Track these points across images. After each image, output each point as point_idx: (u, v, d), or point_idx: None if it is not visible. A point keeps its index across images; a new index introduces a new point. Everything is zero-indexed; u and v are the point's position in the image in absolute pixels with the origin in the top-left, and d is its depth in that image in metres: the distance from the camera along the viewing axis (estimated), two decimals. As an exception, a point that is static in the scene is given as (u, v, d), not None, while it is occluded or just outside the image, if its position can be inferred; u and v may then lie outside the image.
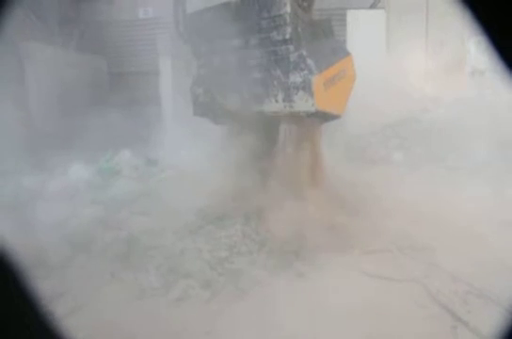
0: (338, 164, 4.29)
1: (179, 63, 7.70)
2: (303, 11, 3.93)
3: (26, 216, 4.14)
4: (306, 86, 3.50)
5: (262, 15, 3.63)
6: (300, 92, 3.54)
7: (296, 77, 3.56)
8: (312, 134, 3.95)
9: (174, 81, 8.11)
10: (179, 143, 5.82)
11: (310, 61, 3.52)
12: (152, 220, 4.03)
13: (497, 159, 4.87)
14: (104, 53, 9.97)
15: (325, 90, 3.55)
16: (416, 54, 7.26)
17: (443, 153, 5.40)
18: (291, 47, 3.58)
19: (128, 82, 9.68)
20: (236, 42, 3.90)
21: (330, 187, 4.03)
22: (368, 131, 6.13)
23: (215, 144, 4.65)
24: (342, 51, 4.07)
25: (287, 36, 3.55)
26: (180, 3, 4.27)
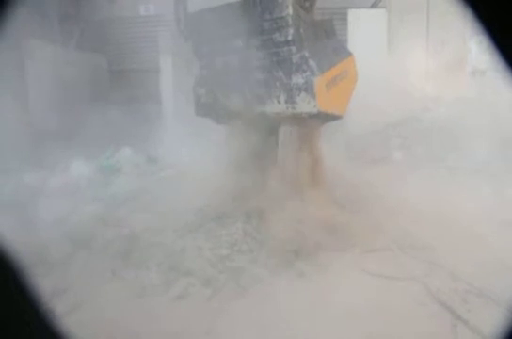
0: (339, 163, 4.30)
1: (180, 61, 7.70)
2: (305, 11, 3.93)
3: (27, 213, 4.15)
4: (308, 87, 3.50)
5: (264, 17, 3.62)
6: (302, 94, 3.54)
7: (299, 78, 3.56)
8: (314, 134, 3.96)
9: (175, 79, 8.10)
10: (179, 141, 5.83)
11: (312, 63, 3.52)
12: (153, 218, 4.04)
13: (498, 159, 4.89)
14: (105, 50, 9.95)
15: (327, 92, 3.56)
16: (417, 53, 7.27)
17: (444, 153, 5.41)
18: (293, 48, 3.58)
19: (128, 80, 9.66)
20: (239, 43, 3.90)
21: (331, 187, 4.04)
22: (369, 130, 6.14)
23: (215, 142, 4.66)
24: (343, 51, 4.08)
25: (289, 37, 3.55)
26: (181, 1, 4.27)
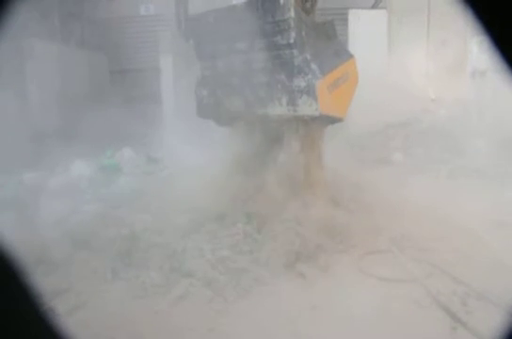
0: (339, 164, 4.31)
1: (180, 61, 7.71)
2: (306, 13, 3.94)
3: (28, 212, 4.16)
4: (310, 90, 3.51)
5: (266, 19, 3.63)
6: (304, 96, 3.55)
7: (300, 81, 3.57)
8: (315, 136, 3.97)
9: (175, 78, 8.11)
10: (180, 141, 5.84)
11: (313, 65, 3.53)
12: (154, 218, 4.05)
13: (498, 160, 4.90)
14: (105, 49, 9.95)
15: (328, 94, 3.57)
16: (417, 54, 7.28)
17: (444, 154, 5.43)
18: (295, 51, 3.58)
19: (129, 79, 9.68)
20: (241, 46, 3.90)
21: (332, 187, 4.05)
22: (369, 131, 6.15)
23: (216, 142, 4.67)
24: (345, 53, 4.09)
25: (291, 40, 3.55)
26: (182, 2, 4.27)
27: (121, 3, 10.22)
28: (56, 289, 2.96)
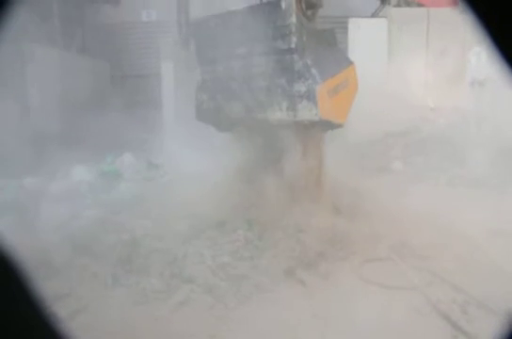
0: (339, 172, 4.33)
1: (181, 67, 7.74)
2: (307, 20, 3.99)
3: (29, 217, 4.16)
4: (310, 95, 3.53)
5: (267, 24, 3.67)
6: (304, 101, 3.57)
7: (301, 86, 3.59)
8: (315, 142, 3.99)
9: (176, 85, 8.13)
10: (180, 147, 5.85)
11: (314, 71, 3.56)
12: (154, 224, 4.05)
13: (496, 169, 4.93)
14: (107, 55, 9.98)
15: (328, 100, 3.59)
16: (417, 63, 7.34)
17: (444, 162, 5.46)
18: (295, 56, 3.61)
19: (130, 85, 9.71)
20: (241, 50, 3.93)
21: (332, 195, 4.07)
22: (369, 140, 6.18)
23: (217, 148, 4.68)
24: (345, 60, 4.13)
25: (292, 45, 3.58)
26: (183, 8, 4.32)
27: (123, 9, 10.27)
28: (57, 294, 2.95)
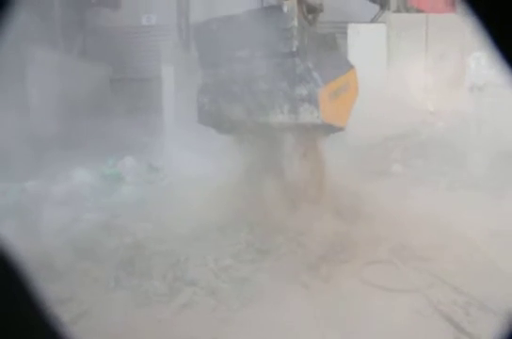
0: (340, 175, 4.35)
1: (181, 70, 7.76)
2: (308, 24, 4.03)
3: (30, 220, 4.16)
4: (312, 98, 3.56)
5: (269, 28, 3.70)
6: (306, 104, 3.60)
7: (302, 89, 3.62)
8: (316, 145, 4.02)
9: (177, 88, 8.15)
10: (181, 150, 5.86)
11: (315, 74, 3.59)
12: (156, 227, 4.07)
13: (495, 172, 4.96)
14: (107, 59, 10.00)
15: (329, 103, 3.62)
16: (416, 67, 7.37)
17: (443, 166, 5.49)
18: (297, 60, 3.64)
19: (130, 88, 9.72)
20: (243, 54, 3.96)
21: (333, 198, 4.08)
22: (369, 143, 6.21)
23: (217, 151, 4.70)
24: (346, 64, 4.16)
25: (294, 49, 3.61)
26: (183, 11, 4.34)
27: (123, 13, 10.29)
28: (59, 297, 2.95)
